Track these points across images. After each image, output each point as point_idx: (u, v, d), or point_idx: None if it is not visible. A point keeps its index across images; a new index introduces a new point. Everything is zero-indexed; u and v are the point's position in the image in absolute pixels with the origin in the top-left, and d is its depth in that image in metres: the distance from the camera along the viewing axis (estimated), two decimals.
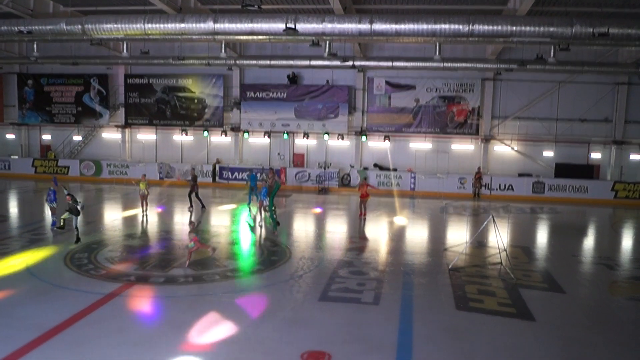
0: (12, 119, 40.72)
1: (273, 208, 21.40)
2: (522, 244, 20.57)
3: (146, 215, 24.00)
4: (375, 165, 35.36)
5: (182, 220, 24.47)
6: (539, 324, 12.37)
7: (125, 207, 27.31)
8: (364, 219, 24.88)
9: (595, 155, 33.80)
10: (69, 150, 40.03)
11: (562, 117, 33.58)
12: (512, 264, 16.76)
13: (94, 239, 19.42)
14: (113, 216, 25.17)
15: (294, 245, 19.36)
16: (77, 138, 39.90)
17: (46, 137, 40.99)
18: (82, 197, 29.10)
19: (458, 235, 21.39)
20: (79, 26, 22.63)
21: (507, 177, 33.81)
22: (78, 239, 18.55)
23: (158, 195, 30.35)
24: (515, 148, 34.51)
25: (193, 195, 26.05)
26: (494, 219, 17.07)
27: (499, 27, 19.88)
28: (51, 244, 18.61)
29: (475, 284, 15.26)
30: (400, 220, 25.67)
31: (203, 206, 26.34)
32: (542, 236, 24.01)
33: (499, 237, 17.00)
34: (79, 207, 18.75)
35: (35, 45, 27.53)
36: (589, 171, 33.32)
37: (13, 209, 26.83)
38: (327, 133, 34.89)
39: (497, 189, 33.19)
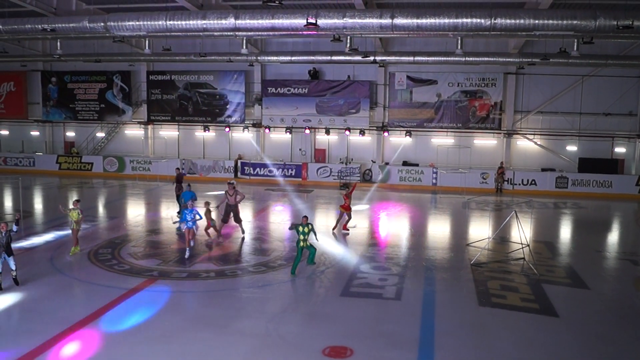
0: (36, 116, 41.27)
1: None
2: (545, 240, 20.40)
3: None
4: (405, 163, 35.13)
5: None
6: (562, 320, 12.28)
7: (148, 203, 27.57)
8: (341, 233, 20.86)
9: (620, 150, 33.30)
10: (93, 147, 40.45)
11: (586, 111, 33.12)
12: (535, 259, 16.62)
13: (117, 235, 19.65)
14: (136, 212, 25.42)
15: (315, 241, 19.37)
16: (101, 134, 40.31)
17: (70, 133, 41.47)
18: (106, 193, 29.46)
19: (480, 230, 21.25)
20: (102, 24, 22.84)
21: (530, 172, 33.46)
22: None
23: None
24: (538, 142, 34.15)
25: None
26: (516, 214, 16.96)
27: (521, 21, 19.66)
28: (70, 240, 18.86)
29: (497, 279, 15.19)
30: (421, 215, 25.59)
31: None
32: (565, 231, 23.78)
33: (522, 232, 16.86)
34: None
35: (58, 43, 27.85)
36: (613, 166, 32.84)
37: (38, 205, 27.20)
38: (349, 129, 34.80)
39: (519, 184, 32.88)
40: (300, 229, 15.33)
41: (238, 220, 19.83)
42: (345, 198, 21.03)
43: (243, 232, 20.03)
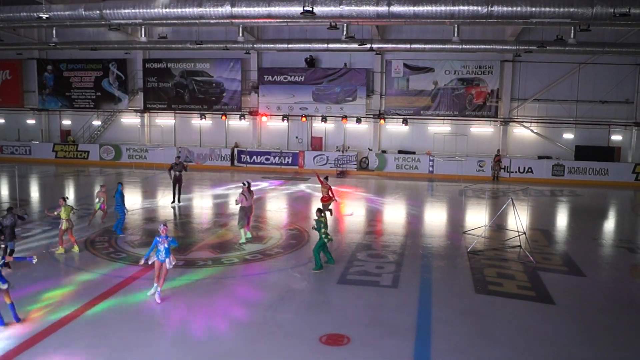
0: (32, 104, 41.05)
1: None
2: (541, 227, 20.47)
3: None
4: (400, 151, 35.10)
5: (200, 204, 24.66)
6: (558, 307, 12.35)
7: (145, 191, 27.54)
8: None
9: (616, 137, 33.34)
10: (89, 135, 40.32)
11: (583, 98, 33.11)
12: (531, 247, 16.68)
13: (113, 223, 19.62)
14: (132, 200, 25.37)
15: (311, 230, 19.39)
16: (97, 123, 40.18)
17: (66, 122, 41.31)
18: (103, 181, 29.37)
19: (477, 218, 21.31)
20: (98, 11, 22.78)
21: (527, 159, 33.51)
22: None
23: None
24: (535, 130, 34.16)
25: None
26: (513, 202, 17.01)
27: (518, 8, 19.65)
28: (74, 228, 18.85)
29: (494, 267, 15.25)
30: (418, 203, 25.64)
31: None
32: (562, 219, 23.86)
33: (519, 220, 16.91)
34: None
35: (54, 31, 27.70)
36: (610, 153, 32.88)
37: (34, 193, 27.15)
38: (345, 117, 34.73)
39: (516, 172, 32.93)
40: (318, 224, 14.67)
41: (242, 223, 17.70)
42: (328, 189, 19.22)
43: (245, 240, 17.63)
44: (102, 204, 18.79)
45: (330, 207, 19.28)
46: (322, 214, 14.87)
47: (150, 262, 12.20)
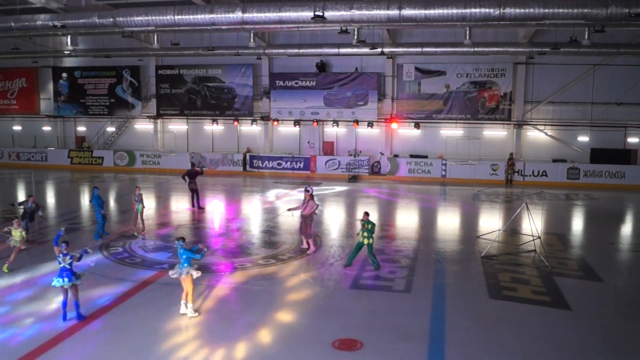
0: (48, 111, 41.46)
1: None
2: (556, 231, 20.25)
3: None
4: (412, 155, 34.96)
5: (213, 209, 24.68)
6: (575, 313, 12.18)
7: (158, 196, 27.61)
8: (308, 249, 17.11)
9: (633, 140, 32.96)
10: (103, 141, 40.60)
11: (598, 100, 32.80)
12: (546, 251, 16.50)
13: (128, 228, 19.70)
14: (146, 205, 25.41)
15: (324, 234, 19.37)
16: (111, 129, 40.45)
17: (81, 128, 41.65)
18: (116, 186, 29.56)
19: (490, 222, 21.12)
20: (111, 19, 22.93)
21: (541, 163, 33.23)
22: None
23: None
24: (549, 133, 33.89)
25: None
26: (527, 206, 16.84)
27: (531, 10, 19.48)
28: (87, 233, 18.95)
29: (508, 272, 15.09)
30: (430, 207, 25.51)
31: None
32: (577, 223, 23.61)
33: (533, 224, 16.74)
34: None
35: (69, 39, 27.98)
36: (626, 156, 32.50)
37: (50, 199, 27.32)
38: (357, 121, 34.66)
39: (530, 175, 32.67)
40: (366, 226, 14.73)
41: (306, 234, 16.90)
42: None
43: (310, 250, 16.89)
44: (134, 205, 18.93)
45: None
46: (369, 221, 14.83)
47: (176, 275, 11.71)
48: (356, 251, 15.20)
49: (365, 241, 14.82)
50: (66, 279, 11.20)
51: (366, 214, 15.07)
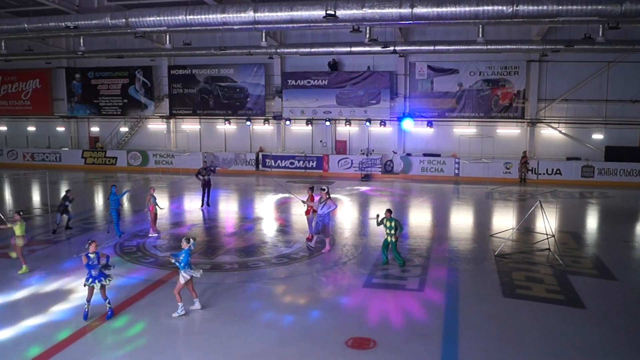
0: (61, 112, 41.81)
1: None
2: (571, 230, 20.12)
3: None
4: (425, 154, 34.86)
5: (226, 208, 24.76)
6: (589, 311, 12.10)
7: (172, 196, 27.73)
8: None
9: None
10: (117, 142, 40.86)
11: (612, 98, 32.51)
12: (560, 250, 16.39)
13: (142, 228, 19.82)
14: (160, 205, 25.54)
15: (337, 232, 19.37)
16: (124, 129, 40.72)
17: (94, 129, 41.97)
18: (130, 186, 29.70)
19: (504, 221, 21.02)
20: (123, 20, 23.03)
21: (555, 161, 33.01)
22: None
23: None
24: (563, 131, 33.66)
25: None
26: (541, 204, 16.74)
27: (544, 7, 19.30)
28: (101, 232, 19.08)
29: (522, 270, 15.02)
30: (444, 206, 25.43)
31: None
32: (592, 221, 23.43)
33: (547, 222, 16.63)
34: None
35: (81, 40, 28.23)
36: None
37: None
38: (369, 120, 34.62)
39: (544, 174, 32.47)
40: (388, 223, 14.91)
41: (324, 233, 16.79)
42: (311, 199, 17.81)
43: (327, 249, 16.82)
44: (151, 206, 18.86)
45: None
46: (392, 218, 14.97)
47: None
48: (384, 249, 15.30)
49: (389, 238, 14.97)
50: (102, 279, 11.39)
51: (388, 211, 15.14)
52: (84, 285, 11.47)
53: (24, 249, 14.85)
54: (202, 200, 23.88)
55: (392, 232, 14.88)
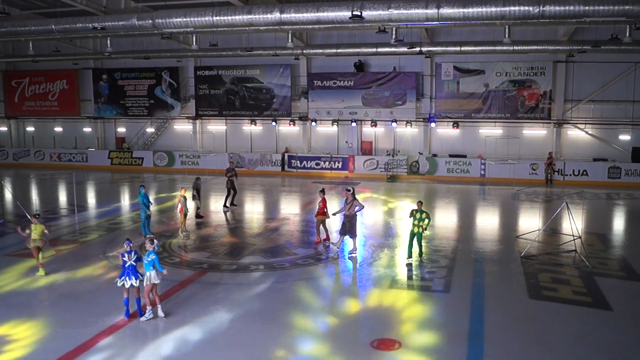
0: (88, 112, 42.38)
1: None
2: (597, 231, 19.92)
3: None
4: (451, 155, 34.73)
5: (252, 209, 24.94)
6: (616, 313, 12.01)
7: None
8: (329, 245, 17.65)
9: None
10: (143, 142, 41.33)
11: None
12: (587, 251, 16.26)
13: (167, 228, 20.08)
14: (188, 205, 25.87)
15: (363, 233, 19.40)
16: (150, 130, 41.16)
17: (121, 129, 42.51)
18: (156, 187, 30.07)
19: (530, 222, 20.87)
20: (150, 21, 23.32)
21: (581, 162, 32.65)
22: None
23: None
24: (590, 132, 33.28)
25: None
26: (567, 206, 16.61)
27: (571, 7, 19.14)
28: (126, 232, 19.37)
29: (548, 272, 14.93)
30: (469, 207, 25.33)
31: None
32: (618, 223, 23.17)
33: (573, 224, 16.51)
34: None
35: (108, 41, 28.67)
36: None
37: (91, 199, 27.94)
38: (395, 120, 34.58)
39: (570, 175, 32.14)
40: (417, 215, 15.31)
41: (352, 234, 16.68)
42: (323, 202, 17.69)
43: (354, 250, 16.69)
44: (181, 207, 18.89)
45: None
46: (422, 210, 15.42)
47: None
48: (410, 241, 15.52)
49: (415, 229, 15.26)
50: (133, 277, 11.41)
51: (420, 202, 15.45)
52: (117, 285, 11.64)
53: (43, 249, 14.55)
54: (225, 201, 23.95)
55: (421, 223, 15.21)
